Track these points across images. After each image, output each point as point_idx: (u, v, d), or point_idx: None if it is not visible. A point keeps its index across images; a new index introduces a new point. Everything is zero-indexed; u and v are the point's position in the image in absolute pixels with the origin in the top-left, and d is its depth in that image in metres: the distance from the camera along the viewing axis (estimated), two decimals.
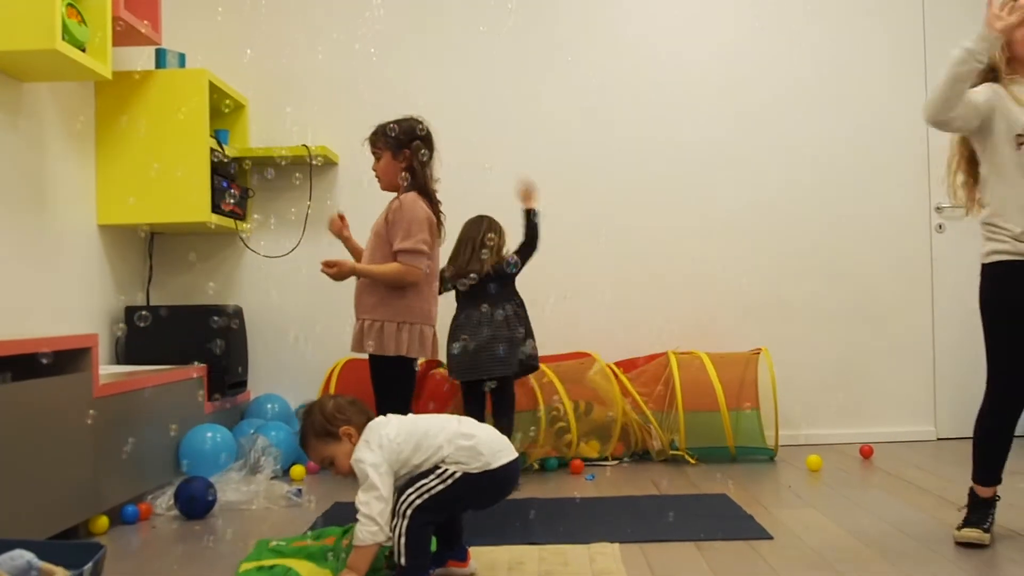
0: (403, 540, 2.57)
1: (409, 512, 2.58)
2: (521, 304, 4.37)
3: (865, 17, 5.38)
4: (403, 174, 3.52)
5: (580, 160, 5.30)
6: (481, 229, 4.29)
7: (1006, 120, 3.01)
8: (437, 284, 3.66)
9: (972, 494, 3.16)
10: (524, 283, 5.20)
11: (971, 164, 3.19)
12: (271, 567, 2.84)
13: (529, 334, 4.33)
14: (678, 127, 5.35)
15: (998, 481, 3.14)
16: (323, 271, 3.42)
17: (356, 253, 3.72)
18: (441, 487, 2.61)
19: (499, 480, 2.70)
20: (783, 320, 5.29)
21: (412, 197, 3.48)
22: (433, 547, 2.75)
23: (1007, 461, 3.12)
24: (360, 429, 2.75)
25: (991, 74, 3.05)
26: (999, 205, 3.03)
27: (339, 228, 3.71)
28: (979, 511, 3.12)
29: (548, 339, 4.86)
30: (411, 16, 5.34)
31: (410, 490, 2.61)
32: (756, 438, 4.78)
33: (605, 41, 5.38)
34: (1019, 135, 2.99)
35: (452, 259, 4.28)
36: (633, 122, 5.35)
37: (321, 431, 2.76)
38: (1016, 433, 3.09)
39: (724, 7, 5.42)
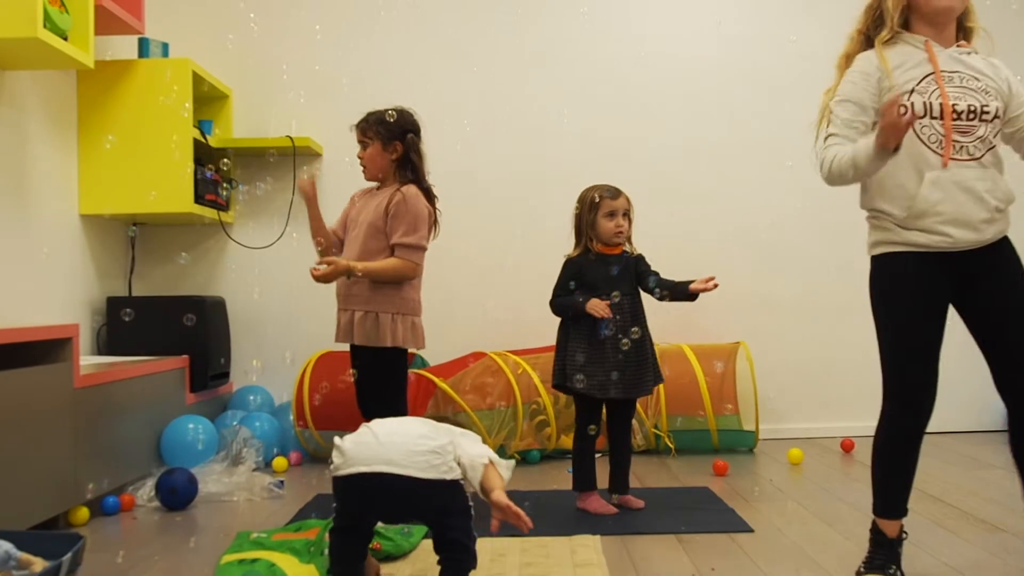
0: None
1: None
2: None
3: (855, 8, 5.38)
4: (394, 165, 3.48)
5: (565, 156, 5.30)
6: None
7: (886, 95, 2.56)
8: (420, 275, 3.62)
9: (875, 530, 2.68)
10: (506, 276, 5.22)
11: None
12: (253, 561, 2.83)
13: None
14: (662, 125, 5.35)
15: (904, 512, 2.66)
16: (315, 273, 3.29)
17: (317, 223, 3.58)
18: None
19: (355, 489, 2.41)
20: (765, 314, 5.31)
21: (415, 191, 3.44)
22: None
23: (914, 482, 2.67)
24: None
25: (876, 30, 2.67)
26: (878, 186, 2.63)
27: (311, 189, 3.54)
28: (882, 553, 2.66)
29: (528, 332, 4.87)
30: (398, 8, 5.32)
31: None
32: (737, 433, 4.82)
33: (594, 39, 5.38)
34: (901, 104, 2.46)
35: None
36: (618, 120, 5.35)
37: None
38: (991, 428, 3.03)
39: (717, 7, 5.42)
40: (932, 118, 2.53)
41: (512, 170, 5.31)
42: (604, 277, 3.60)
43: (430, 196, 3.52)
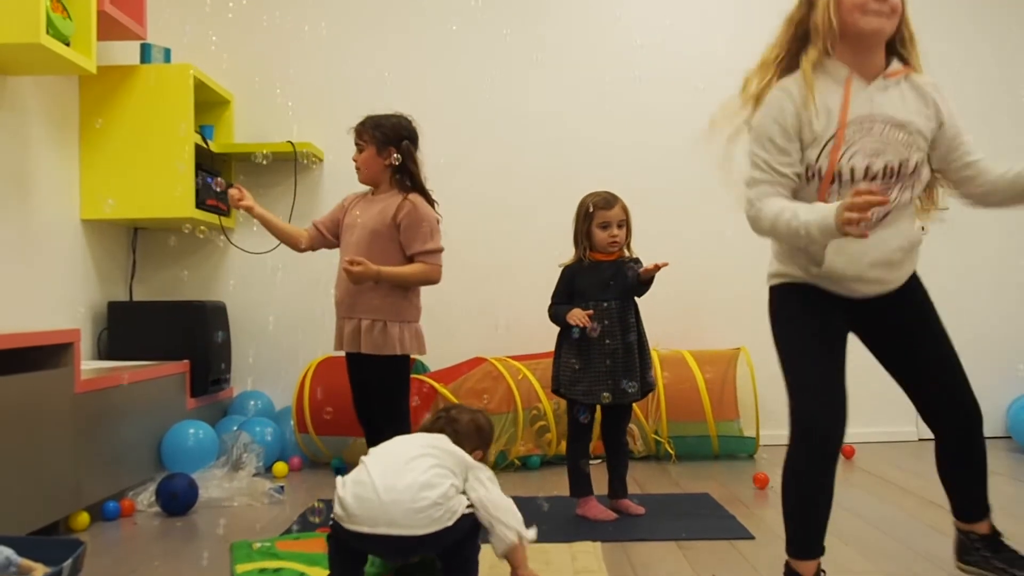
0: None
1: None
2: None
3: None
4: (388, 171, 3.49)
5: (563, 160, 5.30)
6: None
7: (808, 149, 2.34)
8: None
9: (789, 572, 2.43)
10: (506, 281, 5.22)
11: None
12: (276, 570, 2.81)
13: None
14: (663, 127, 5.34)
15: (822, 551, 2.41)
16: (346, 268, 3.30)
17: (273, 225, 3.63)
18: None
19: (358, 541, 2.44)
20: (766, 319, 5.27)
21: (421, 199, 3.47)
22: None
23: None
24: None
25: (799, 42, 2.40)
26: (783, 248, 2.50)
27: (238, 199, 3.53)
28: None
29: (529, 338, 4.87)
30: (399, 13, 5.33)
31: None
32: (737, 439, 4.82)
33: (593, 40, 5.39)
34: (807, 167, 2.32)
35: None
36: (618, 123, 5.35)
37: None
38: (987, 435, 2.94)
39: (713, 7, 5.44)
40: (844, 184, 2.29)
41: (513, 175, 5.32)
42: (595, 284, 3.61)
43: (431, 202, 3.53)
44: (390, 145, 3.47)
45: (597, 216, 3.63)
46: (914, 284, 2.53)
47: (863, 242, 2.20)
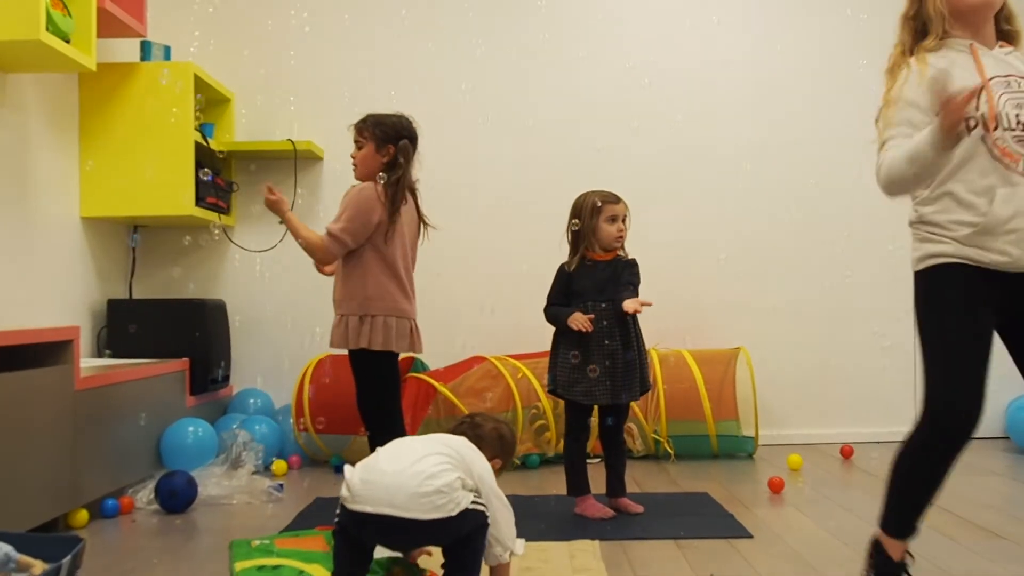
0: None
1: None
2: None
3: (851, 14, 5.40)
4: (385, 168, 3.48)
5: (564, 160, 5.30)
6: None
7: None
8: (406, 273, 3.54)
9: (877, 549, 2.47)
10: (506, 280, 5.23)
11: None
12: (275, 567, 2.81)
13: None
14: (663, 130, 5.35)
15: (915, 532, 2.43)
16: (266, 196, 3.46)
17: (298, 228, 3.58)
18: None
19: (360, 523, 2.43)
20: (765, 319, 5.31)
21: (368, 186, 3.44)
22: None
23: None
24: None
25: (920, 35, 2.50)
26: (947, 199, 2.40)
27: (276, 199, 3.52)
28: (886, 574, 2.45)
29: (528, 337, 4.88)
30: (399, 12, 5.33)
31: None
32: (736, 439, 4.82)
33: (593, 42, 5.39)
34: (968, 118, 2.29)
35: None
36: (619, 125, 5.35)
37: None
38: (990, 435, 2.88)
39: (716, 10, 5.44)
40: (1005, 129, 2.33)
41: (513, 175, 5.32)
42: (593, 284, 3.61)
43: (396, 195, 3.46)
44: (389, 143, 3.47)
45: (606, 210, 3.63)
46: None
47: (1021, 189, 2.30)
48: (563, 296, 3.65)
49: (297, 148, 5.04)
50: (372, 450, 3.46)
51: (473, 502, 2.42)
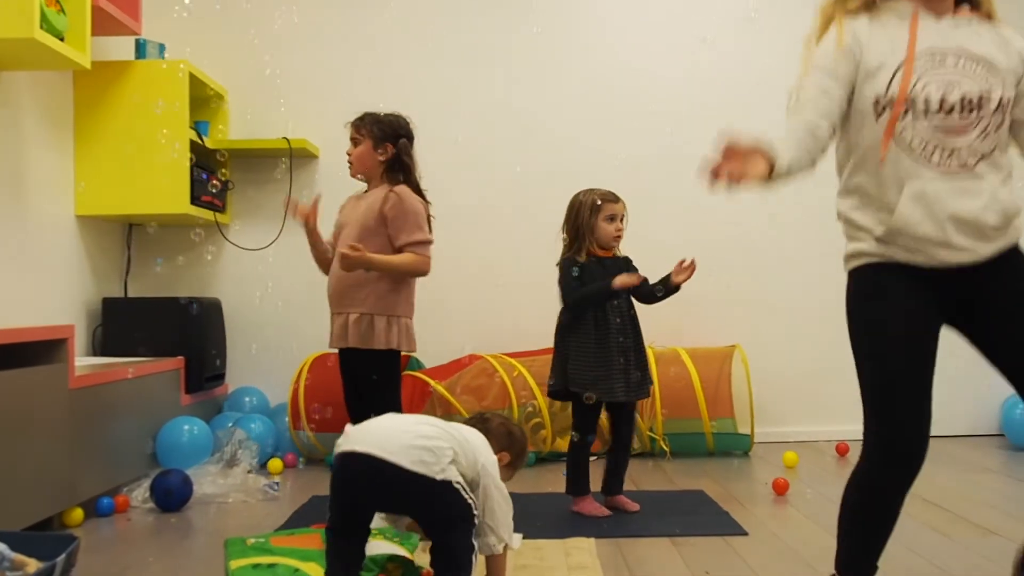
0: None
1: None
2: None
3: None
4: (382, 167, 3.47)
5: (558, 159, 5.30)
6: None
7: (871, 80, 2.12)
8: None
9: None
10: (501, 278, 5.23)
11: None
12: (270, 566, 2.81)
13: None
14: (656, 128, 5.34)
15: (874, 569, 2.21)
16: (345, 253, 3.24)
17: (320, 249, 3.58)
18: None
19: (345, 469, 2.45)
20: (761, 317, 5.32)
21: (408, 190, 3.43)
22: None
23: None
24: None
25: None
26: (856, 195, 2.19)
27: (309, 215, 3.49)
28: None
29: (524, 335, 4.89)
30: (395, 10, 5.32)
31: None
32: (732, 436, 4.83)
33: (588, 43, 5.39)
34: (876, 100, 2.09)
35: None
36: (614, 123, 5.35)
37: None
38: (985, 432, 2.69)
39: (709, 11, 5.44)
40: (917, 115, 2.06)
41: (508, 173, 5.31)
42: (602, 280, 3.59)
43: (420, 194, 3.51)
44: (387, 141, 3.46)
45: (605, 209, 3.62)
46: (1017, 260, 2.13)
47: (942, 188, 2.04)
48: (580, 285, 3.59)
49: (292, 146, 5.03)
50: None
51: (459, 484, 2.41)
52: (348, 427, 2.48)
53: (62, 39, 3.71)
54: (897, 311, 2.11)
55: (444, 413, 4.50)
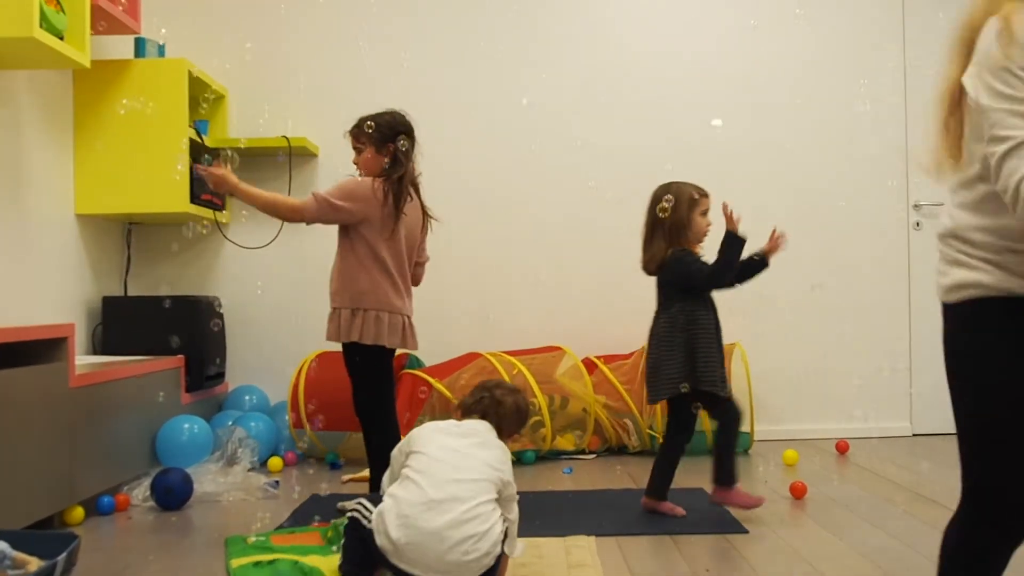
0: None
1: None
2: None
3: (842, 13, 5.40)
4: (385, 161, 3.47)
5: (563, 157, 5.30)
6: None
7: None
8: (400, 271, 3.50)
9: None
10: (501, 277, 5.23)
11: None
12: (271, 562, 2.81)
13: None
14: (657, 126, 5.35)
15: None
16: (200, 171, 3.38)
17: (261, 198, 3.50)
18: None
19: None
20: (761, 315, 5.31)
21: (367, 181, 3.42)
22: None
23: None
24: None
25: None
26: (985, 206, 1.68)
27: (218, 175, 3.40)
28: None
29: (523, 334, 4.89)
30: (394, 8, 5.32)
31: None
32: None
33: (588, 40, 5.39)
34: None
35: None
36: (614, 120, 5.35)
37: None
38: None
39: (708, 9, 5.44)
40: None
41: (508, 171, 5.31)
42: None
43: (399, 192, 3.44)
44: (388, 142, 3.45)
45: (701, 204, 3.56)
46: None
47: None
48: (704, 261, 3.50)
49: (292, 145, 5.03)
50: (368, 448, 3.47)
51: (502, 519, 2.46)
52: (386, 522, 2.39)
53: (62, 38, 3.71)
54: (1010, 353, 1.72)
55: (443, 412, 4.49)
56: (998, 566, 1.82)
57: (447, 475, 2.45)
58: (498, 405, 2.72)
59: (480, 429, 2.64)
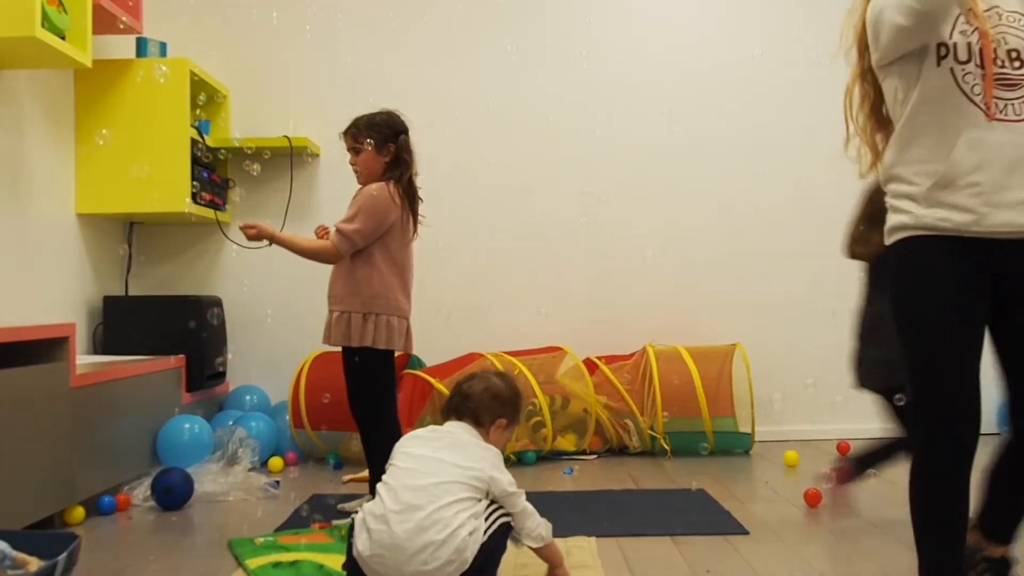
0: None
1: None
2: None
3: (838, 8, 5.40)
4: (386, 167, 3.46)
5: (562, 156, 5.30)
6: None
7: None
8: (406, 275, 3.52)
9: None
10: (502, 277, 5.23)
11: (876, 110, 2.31)
12: (292, 563, 2.80)
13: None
14: (657, 126, 5.35)
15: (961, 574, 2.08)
16: (241, 228, 3.35)
17: (297, 244, 3.49)
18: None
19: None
20: (761, 315, 5.31)
21: (379, 186, 3.40)
22: None
23: None
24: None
25: None
26: (903, 145, 2.14)
27: (252, 231, 3.39)
28: None
29: (524, 334, 4.88)
30: (395, 8, 5.32)
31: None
32: (733, 435, 4.83)
33: (588, 39, 5.38)
34: (941, 44, 2.06)
35: None
36: (613, 119, 5.35)
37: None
38: (988, 431, 2.67)
39: (702, 7, 5.44)
40: (977, 65, 2.02)
41: (510, 172, 5.31)
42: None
43: (412, 193, 3.49)
44: (388, 142, 3.45)
45: None
46: None
47: (1003, 135, 1.99)
48: None
49: (293, 144, 5.03)
50: (365, 449, 3.47)
51: (487, 530, 2.40)
52: (360, 527, 2.39)
53: (63, 37, 3.71)
54: (939, 282, 2.08)
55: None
56: (963, 505, 2.05)
57: (405, 483, 2.42)
58: (466, 399, 2.65)
59: (453, 430, 2.60)
